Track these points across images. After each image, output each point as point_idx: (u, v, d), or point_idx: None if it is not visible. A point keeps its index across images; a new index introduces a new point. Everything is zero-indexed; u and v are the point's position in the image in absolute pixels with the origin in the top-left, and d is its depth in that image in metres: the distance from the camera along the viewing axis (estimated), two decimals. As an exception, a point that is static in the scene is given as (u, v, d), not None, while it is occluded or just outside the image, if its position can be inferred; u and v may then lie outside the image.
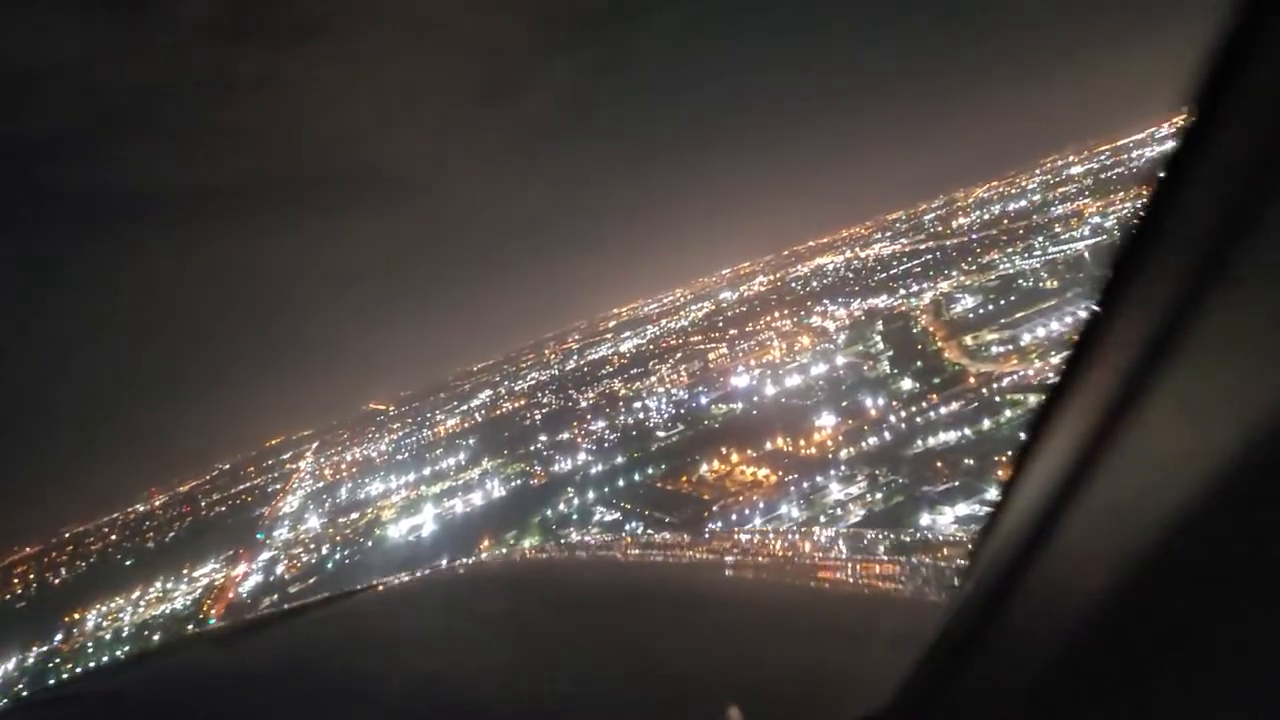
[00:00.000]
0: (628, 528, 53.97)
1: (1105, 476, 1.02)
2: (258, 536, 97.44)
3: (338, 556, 77.41)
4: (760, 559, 5.42)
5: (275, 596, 68.49)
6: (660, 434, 78.49)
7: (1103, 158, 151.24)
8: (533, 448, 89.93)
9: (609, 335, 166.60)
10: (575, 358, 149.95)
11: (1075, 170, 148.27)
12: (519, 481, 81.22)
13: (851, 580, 4.31)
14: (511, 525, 65.28)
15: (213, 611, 74.35)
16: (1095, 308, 1.03)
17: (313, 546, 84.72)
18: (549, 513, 65.85)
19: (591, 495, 66.57)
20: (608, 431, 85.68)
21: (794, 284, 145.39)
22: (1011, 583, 1.24)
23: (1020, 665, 1.25)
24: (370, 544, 78.52)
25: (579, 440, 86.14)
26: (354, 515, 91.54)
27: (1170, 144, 0.88)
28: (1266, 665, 0.85)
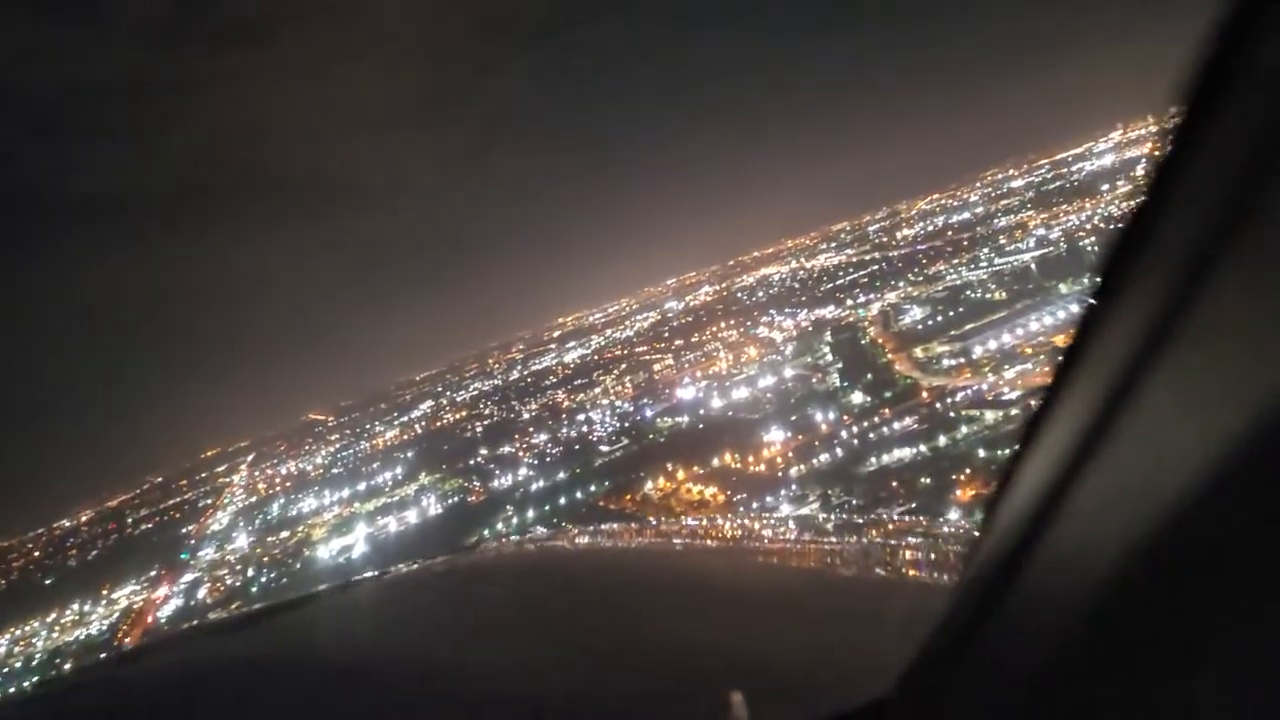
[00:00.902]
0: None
1: (1105, 466, 1.02)
2: (182, 556, 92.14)
3: (263, 579, 73.05)
4: (765, 544, 5.15)
5: (195, 623, 64.03)
6: (604, 448, 75.46)
7: (1042, 171, 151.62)
8: (472, 462, 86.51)
9: (554, 345, 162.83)
10: (519, 368, 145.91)
11: (1016, 184, 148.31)
12: (456, 498, 77.61)
13: (853, 566, 4.11)
14: (446, 548, 61.51)
15: (127, 639, 69.48)
16: (1093, 298, 1.02)
17: (238, 568, 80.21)
18: (486, 533, 62.18)
19: (531, 514, 63.27)
20: (549, 445, 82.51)
21: (740, 294, 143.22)
22: (1013, 570, 1.25)
23: (1022, 652, 1.26)
24: (298, 566, 74.27)
25: (520, 454, 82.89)
26: (284, 534, 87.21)
27: (1156, 144, 0.88)
28: (1267, 654, 0.86)
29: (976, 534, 1.52)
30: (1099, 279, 1.01)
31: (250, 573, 76.78)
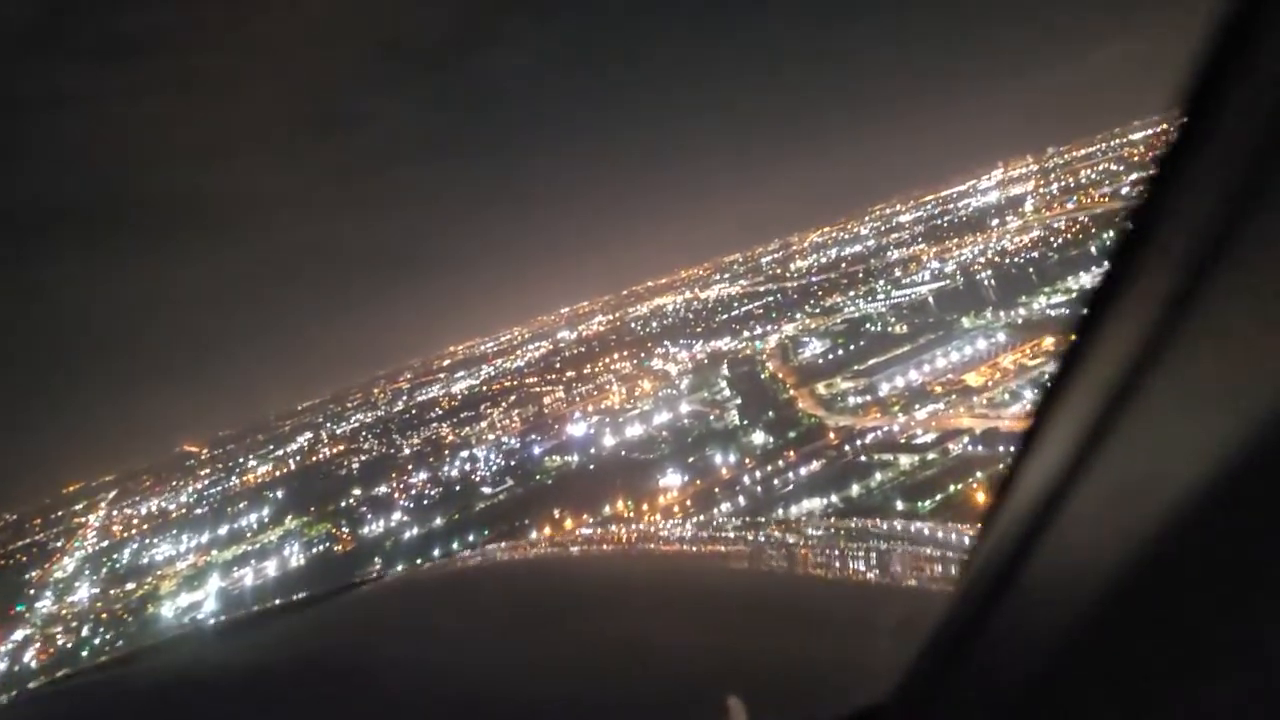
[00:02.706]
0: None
1: (1104, 468, 1.01)
2: (18, 608, 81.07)
3: (97, 641, 63.50)
4: (757, 550, 5.17)
5: (14, 694, 54.21)
6: (486, 490, 69.06)
7: (929, 206, 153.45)
8: (345, 504, 79.01)
9: (442, 375, 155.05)
10: (404, 398, 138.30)
11: (905, 218, 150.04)
12: (322, 547, 69.80)
13: (851, 571, 4.18)
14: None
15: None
16: (1093, 298, 1.01)
17: (74, 625, 70.33)
18: (348, 592, 54.53)
19: (401, 569, 55.58)
20: (429, 486, 75.69)
21: (633, 324, 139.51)
22: (1012, 574, 1.26)
23: (1021, 655, 1.26)
24: (136, 628, 64.93)
25: (397, 496, 75.79)
26: (130, 585, 77.74)
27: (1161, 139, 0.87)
28: (1267, 656, 0.85)
29: (975, 538, 1.51)
30: (1099, 279, 0.99)
31: (85, 631, 67.04)
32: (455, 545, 56.71)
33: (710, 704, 2.07)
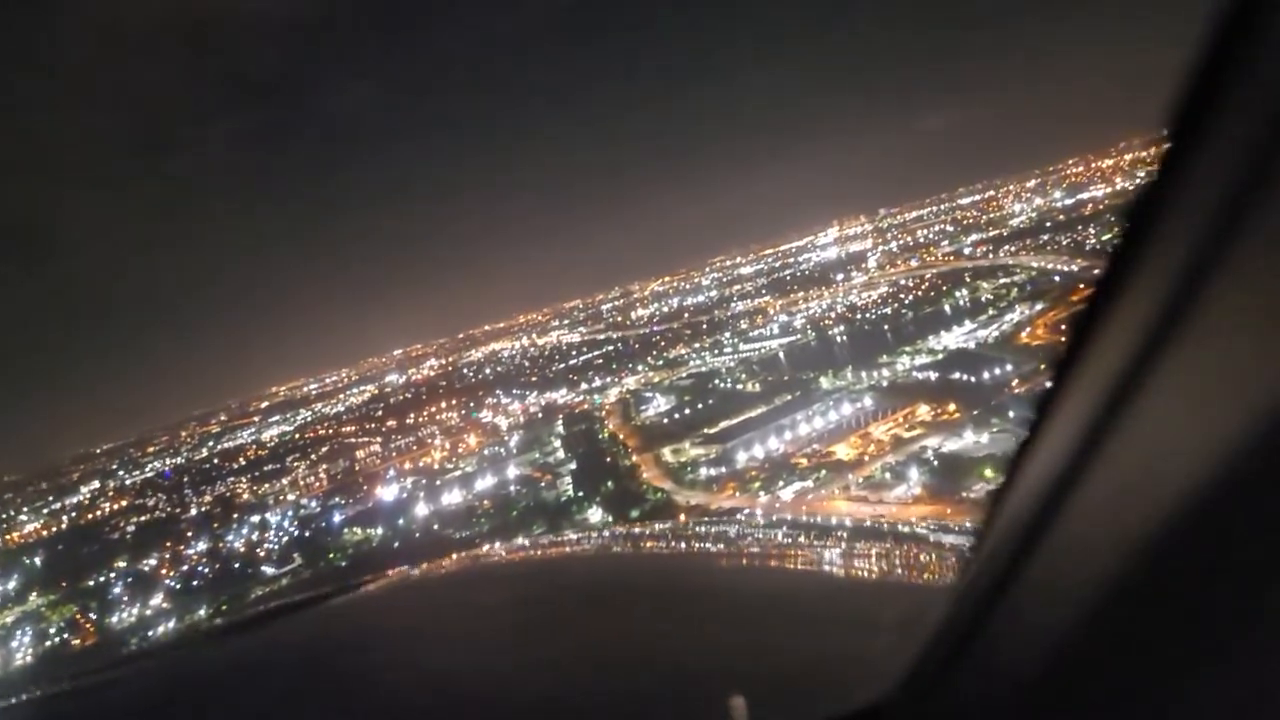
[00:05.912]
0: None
1: (1107, 464, 1.00)
2: None
3: None
4: (759, 548, 4.97)
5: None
6: (269, 570, 56.30)
7: (770, 260, 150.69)
8: (104, 578, 63.62)
9: (257, 418, 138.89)
10: (211, 443, 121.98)
11: (746, 270, 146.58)
12: (59, 639, 54.63)
13: (852, 569, 4.19)
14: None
15: None
16: (1095, 294, 0.99)
17: None
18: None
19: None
20: (205, 561, 62.01)
21: (466, 370, 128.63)
22: (1016, 569, 1.23)
23: (1025, 651, 1.24)
24: None
25: (164, 572, 61.56)
26: None
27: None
28: (1266, 654, 0.84)
29: (977, 536, 1.49)
30: (1100, 278, 0.98)
31: None
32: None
33: (712, 703, 2.00)
